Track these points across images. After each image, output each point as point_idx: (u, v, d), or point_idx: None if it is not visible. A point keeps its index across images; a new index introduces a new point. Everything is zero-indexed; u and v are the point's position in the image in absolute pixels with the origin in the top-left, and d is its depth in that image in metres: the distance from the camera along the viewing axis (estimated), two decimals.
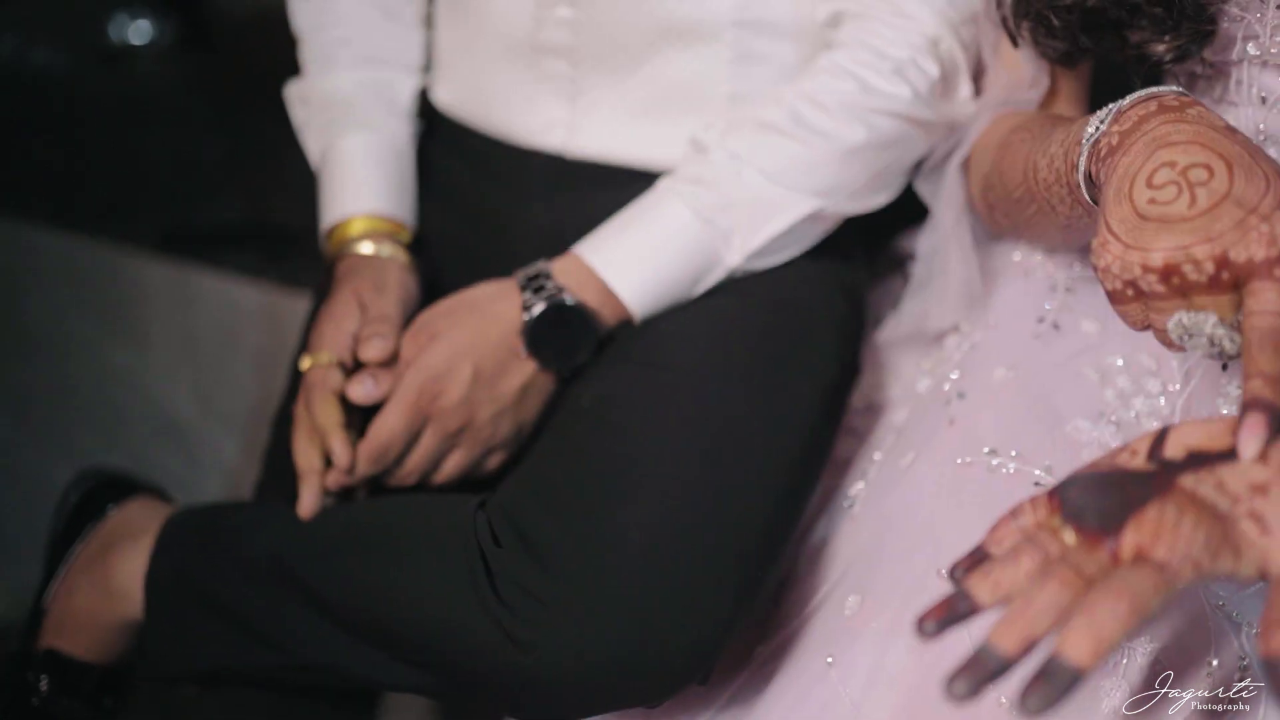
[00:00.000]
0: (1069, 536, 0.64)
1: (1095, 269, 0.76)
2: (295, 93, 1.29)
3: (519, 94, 1.20)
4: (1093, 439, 0.95)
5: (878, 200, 1.12)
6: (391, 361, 1.09)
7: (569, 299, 1.06)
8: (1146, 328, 0.76)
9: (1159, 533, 0.61)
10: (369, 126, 1.23)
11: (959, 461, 0.97)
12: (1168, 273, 0.72)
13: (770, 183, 1.07)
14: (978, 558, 0.68)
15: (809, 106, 1.07)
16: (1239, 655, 0.82)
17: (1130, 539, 0.62)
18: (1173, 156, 0.73)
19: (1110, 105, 0.82)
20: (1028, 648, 0.59)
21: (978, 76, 1.11)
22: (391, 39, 1.27)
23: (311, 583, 1.00)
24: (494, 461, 1.11)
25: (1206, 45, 0.95)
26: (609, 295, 1.07)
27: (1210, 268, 0.70)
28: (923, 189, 1.16)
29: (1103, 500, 0.65)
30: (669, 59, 1.14)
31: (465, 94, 1.25)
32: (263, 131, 1.92)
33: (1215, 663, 0.81)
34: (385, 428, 1.06)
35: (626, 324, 1.09)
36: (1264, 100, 0.95)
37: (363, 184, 1.20)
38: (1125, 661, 0.82)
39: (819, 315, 1.11)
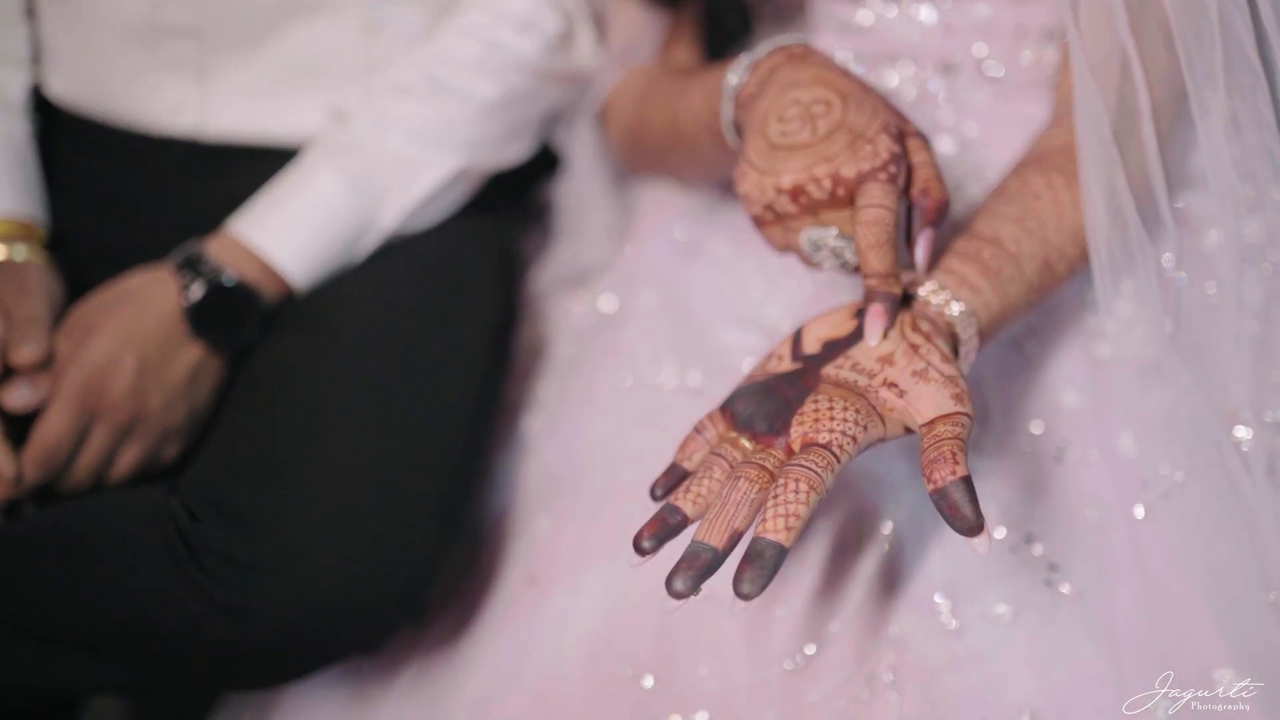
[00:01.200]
0: (746, 443, 0.74)
1: (739, 197, 0.85)
2: None
3: (142, 79, 1.17)
4: (741, 345, 1.05)
5: (516, 151, 1.18)
6: (47, 364, 1.05)
7: (228, 278, 1.06)
8: (787, 249, 0.86)
9: (818, 420, 0.71)
10: None
11: (624, 384, 1.06)
12: (796, 192, 0.81)
13: (414, 143, 1.11)
14: (674, 475, 0.76)
15: (441, 67, 1.12)
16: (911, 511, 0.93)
17: (796, 432, 0.71)
18: (799, 95, 0.83)
19: (743, 57, 0.91)
20: (734, 541, 0.67)
21: (600, 28, 1.19)
22: None
23: None
24: (171, 451, 1.09)
25: None
26: (269, 270, 1.08)
27: (828, 184, 0.80)
28: (560, 139, 1.23)
29: (765, 405, 0.75)
30: (297, 32, 1.15)
31: (84, 84, 1.20)
32: None
33: (890, 525, 0.93)
34: (50, 430, 1.02)
35: (290, 296, 1.10)
36: (842, 29, 1.08)
37: None
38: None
39: (475, 267, 1.16)
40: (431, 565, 0.96)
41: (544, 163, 1.28)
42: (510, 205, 1.28)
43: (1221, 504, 0.85)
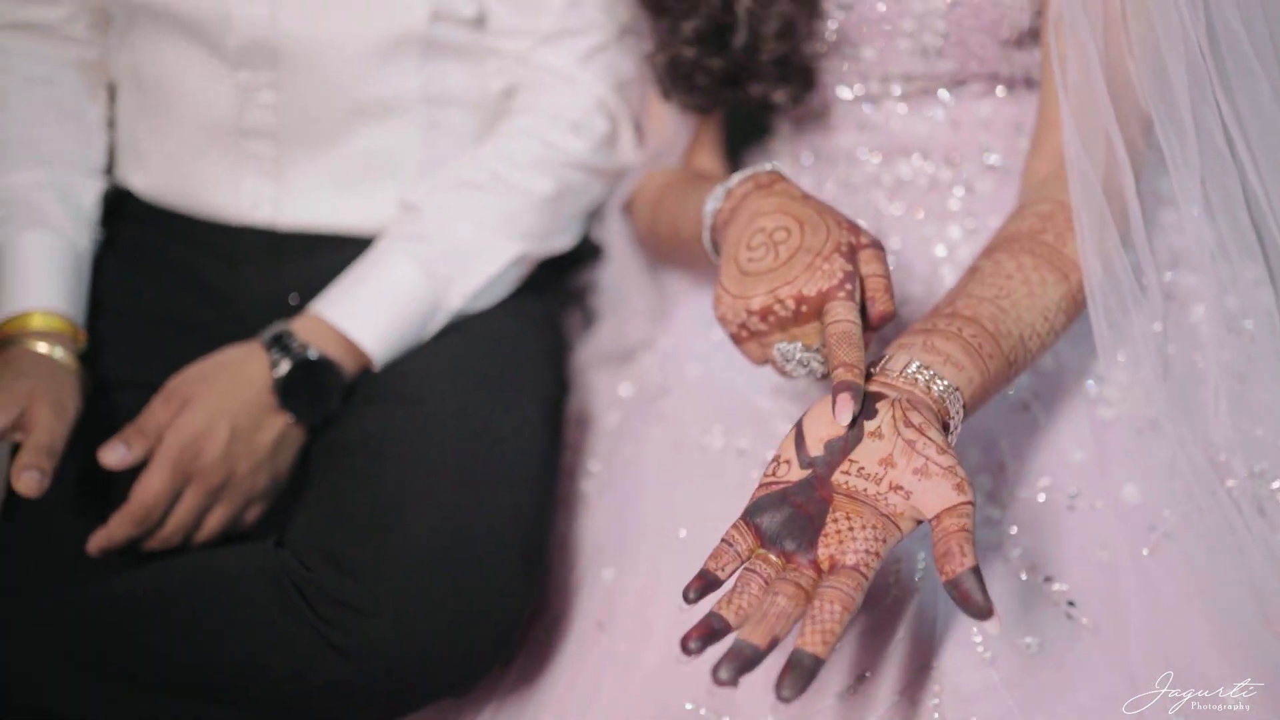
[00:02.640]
0: (776, 559, 0.81)
1: (717, 318, 0.96)
2: None
3: (224, 176, 1.29)
4: (777, 409, 1.17)
5: (567, 239, 1.31)
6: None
7: (313, 353, 1.17)
8: (765, 362, 0.97)
9: (842, 543, 0.79)
10: (50, 227, 1.24)
11: (674, 446, 1.17)
12: (765, 313, 0.92)
13: (479, 231, 1.23)
14: (706, 581, 0.82)
15: (503, 165, 1.24)
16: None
17: (823, 554, 0.80)
18: (763, 223, 0.96)
19: (719, 187, 1.03)
20: (773, 645, 0.76)
21: (639, 129, 1.32)
22: (74, 141, 1.31)
23: (110, 657, 1.03)
24: (252, 514, 1.19)
25: (812, 91, 1.21)
26: (350, 346, 1.19)
27: (792, 304, 0.91)
28: (594, 230, 1.36)
29: (789, 525, 0.81)
30: (365, 133, 1.27)
31: (166, 180, 1.32)
32: None
33: (924, 563, 1.03)
34: (148, 490, 1.11)
35: (367, 370, 1.21)
36: (861, 126, 1.22)
37: (44, 281, 1.21)
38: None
39: (530, 344, 1.28)
40: (520, 608, 1.06)
41: (580, 248, 1.40)
42: (555, 286, 1.40)
43: (1219, 541, 0.97)
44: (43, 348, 1.16)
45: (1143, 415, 1.08)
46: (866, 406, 0.84)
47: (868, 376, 0.87)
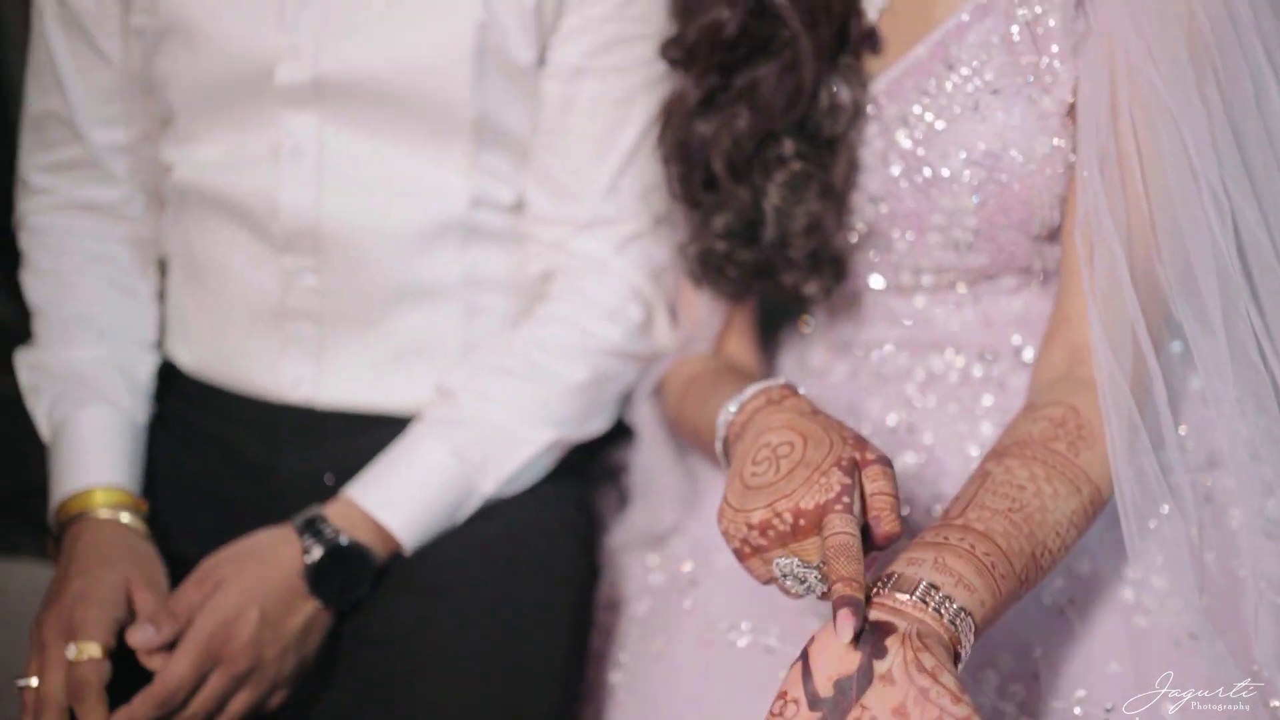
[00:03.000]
0: None
1: (721, 533, 0.96)
2: (28, 359, 1.32)
3: (266, 355, 1.31)
4: (803, 604, 1.15)
5: (600, 424, 1.32)
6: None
7: (345, 540, 1.18)
8: (770, 580, 0.96)
9: None
10: (109, 402, 1.27)
11: (702, 641, 1.16)
12: (764, 527, 0.92)
13: (513, 418, 1.24)
14: None
15: (538, 351, 1.26)
16: None
17: None
18: (769, 438, 0.96)
19: (732, 401, 1.05)
20: None
21: (673, 312, 1.34)
22: (129, 316, 1.35)
23: None
24: (277, 699, 1.18)
25: (844, 281, 1.23)
26: (382, 532, 1.20)
27: (789, 518, 0.91)
28: (626, 414, 1.37)
29: None
30: (405, 316, 1.30)
31: (211, 357, 1.35)
32: None
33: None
34: (174, 674, 1.10)
35: (397, 554, 1.21)
36: (892, 317, 1.23)
37: (105, 456, 1.24)
38: None
39: (560, 528, 1.28)
40: None
41: (616, 427, 1.41)
42: (586, 466, 1.41)
43: None
44: (105, 513, 1.20)
45: (1181, 625, 1.05)
46: (876, 642, 0.82)
47: (876, 593, 0.86)
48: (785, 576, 0.93)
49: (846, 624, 0.81)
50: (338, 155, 1.24)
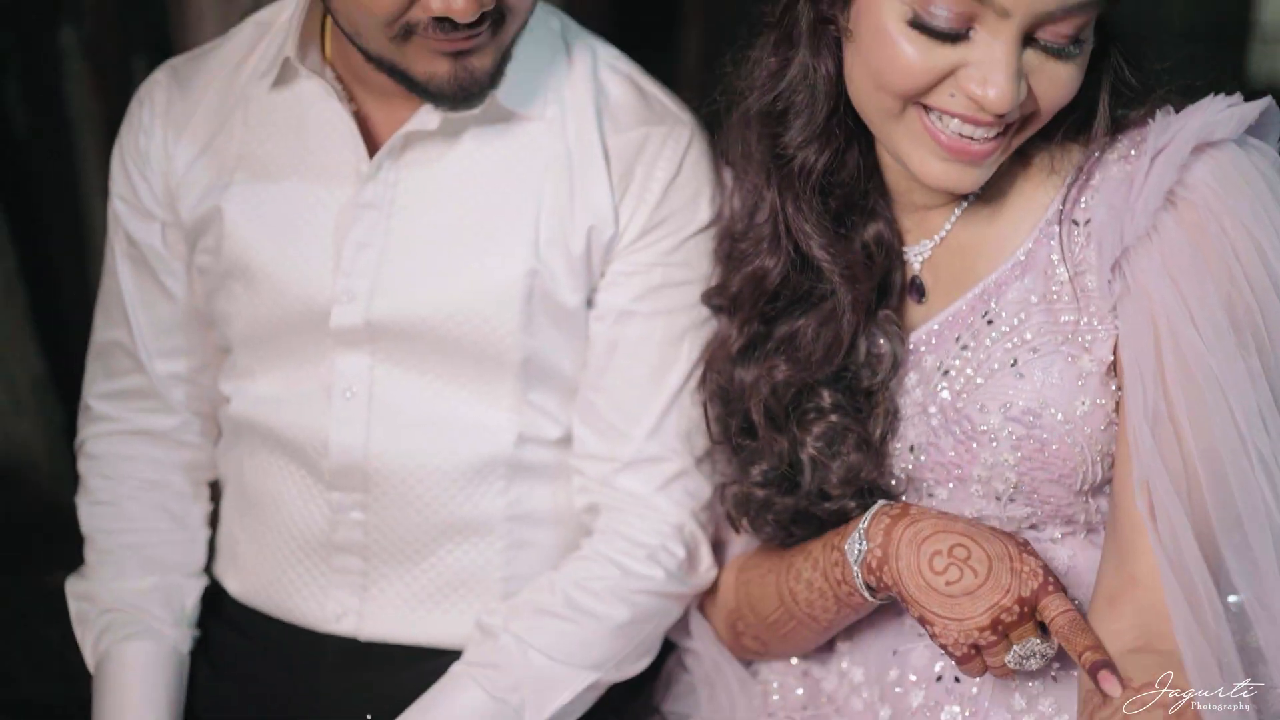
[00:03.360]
0: None
1: (940, 647, 1.04)
2: (77, 589, 1.35)
3: (312, 586, 1.33)
4: None
5: (643, 665, 1.31)
6: None
7: None
8: (984, 672, 1.03)
9: None
10: (154, 634, 1.30)
11: None
12: (994, 625, 1.02)
13: (552, 662, 1.24)
14: None
15: (579, 592, 1.26)
16: None
17: None
18: (935, 546, 1.05)
19: (855, 531, 1.10)
20: None
21: (717, 546, 1.33)
22: (179, 546, 1.38)
23: None
24: None
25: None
26: None
27: (1016, 609, 1.02)
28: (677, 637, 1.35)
29: None
30: (450, 551, 1.31)
31: (257, 585, 1.36)
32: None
33: None
34: None
35: None
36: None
37: (148, 695, 1.27)
38: None
39: None
40: None
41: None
42: (628, 700, 1.38)
43: None
44: None
45: None
46: None
47: None
48: (1027, 658, 1.04)
49: (1111, 681, 0.94)
50: (387, 395, 1.27)
